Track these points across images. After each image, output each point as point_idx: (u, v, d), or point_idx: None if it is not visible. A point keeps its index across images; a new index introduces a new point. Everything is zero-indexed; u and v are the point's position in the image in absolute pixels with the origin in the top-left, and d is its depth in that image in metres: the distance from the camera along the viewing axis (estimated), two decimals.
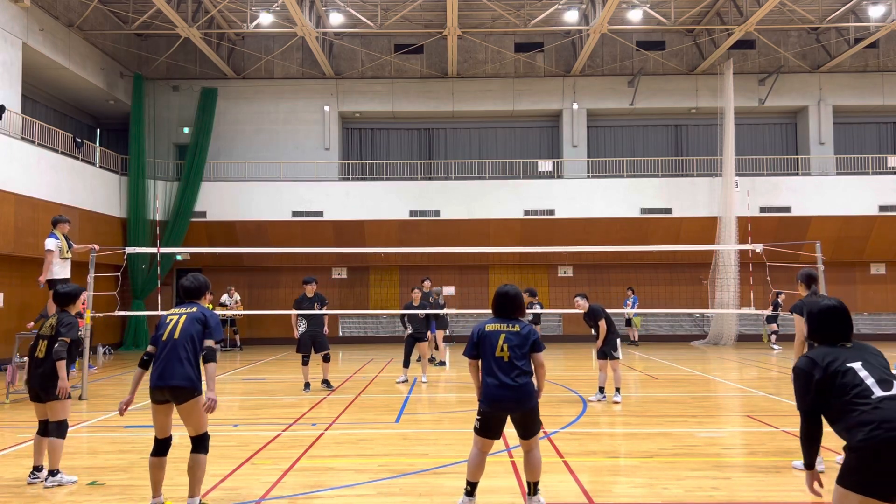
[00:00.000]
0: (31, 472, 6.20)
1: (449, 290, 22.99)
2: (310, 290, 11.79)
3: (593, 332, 10.84)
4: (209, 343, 5.17)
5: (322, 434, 8.19)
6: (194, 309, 5.30)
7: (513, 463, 6.68)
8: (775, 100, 24.38)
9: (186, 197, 22.27)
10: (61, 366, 6.13)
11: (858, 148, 24.93)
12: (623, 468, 6.61)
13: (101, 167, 21.29)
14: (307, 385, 11.88)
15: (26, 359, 11.71)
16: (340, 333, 23.75)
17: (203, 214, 22.46)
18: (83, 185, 19.48)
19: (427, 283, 16.55)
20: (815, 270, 6.87)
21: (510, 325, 5.30)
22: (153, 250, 17.26)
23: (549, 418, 9.16)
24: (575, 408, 10.03)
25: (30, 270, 17.42)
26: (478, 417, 5.25)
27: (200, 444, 5.12)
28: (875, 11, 21.24)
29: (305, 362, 11.88)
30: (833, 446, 6.84)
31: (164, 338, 5.13)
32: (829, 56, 24.17)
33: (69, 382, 6.20)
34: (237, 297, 21.37)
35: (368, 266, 23.87)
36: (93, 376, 13.71)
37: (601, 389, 10.66)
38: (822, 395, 3.52)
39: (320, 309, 11.81)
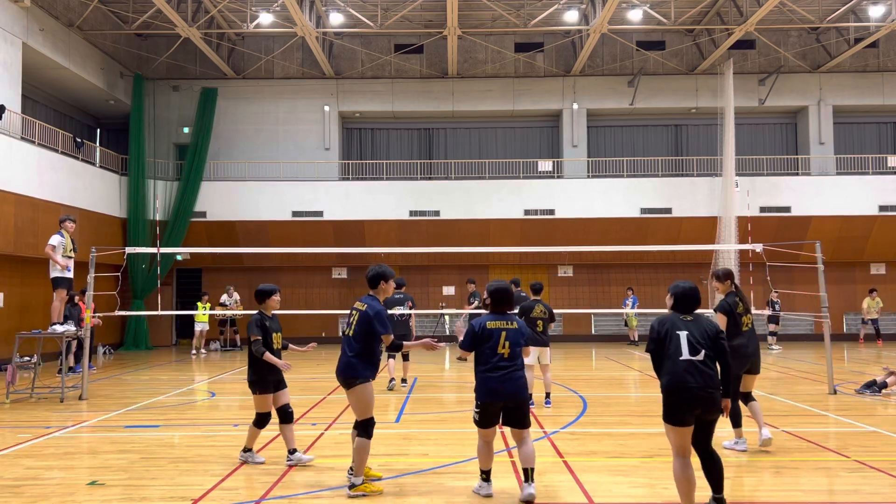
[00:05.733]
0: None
1: (449, 291, 23.03)
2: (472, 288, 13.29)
3: None
4: (386, 340, 5.81)
5: (322, 434, 8.20)
6: (364, 307, 5.92)
7: (513, 463, 6.68)
8: (775, 100, 24.37)
9: (186, 197, 22.27)
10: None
11: (858, 148, 24.92)
12: (623, 468, 6.61)
13: (101, 167, 21.28)
14: None
15: (26, 358, 11.74)
16: (340, 333, 23.70)
17: (203, 214, 22.46)
18: (83, 185, 19.47)
19: (471, 286, 15.23)
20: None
21: (509, 322, 5.51)
22: (153, 250, 17.23)
23: (550, 418, 9.17)
24: (575, 408, 10.03)
25: (30, 270, 17.43)
26: (476, 410, 5.46)
27: (362, 429, 5.66)
28: (875, 11, 21.23)
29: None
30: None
31: (344, 333, 6.02)
32: (829, 56, 24.16)
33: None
34: (237, 296, 21.35)
35: (368, 266, 23.80)
36: (93, 376, 13.68)
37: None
38: (658, 345, 4.97)
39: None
